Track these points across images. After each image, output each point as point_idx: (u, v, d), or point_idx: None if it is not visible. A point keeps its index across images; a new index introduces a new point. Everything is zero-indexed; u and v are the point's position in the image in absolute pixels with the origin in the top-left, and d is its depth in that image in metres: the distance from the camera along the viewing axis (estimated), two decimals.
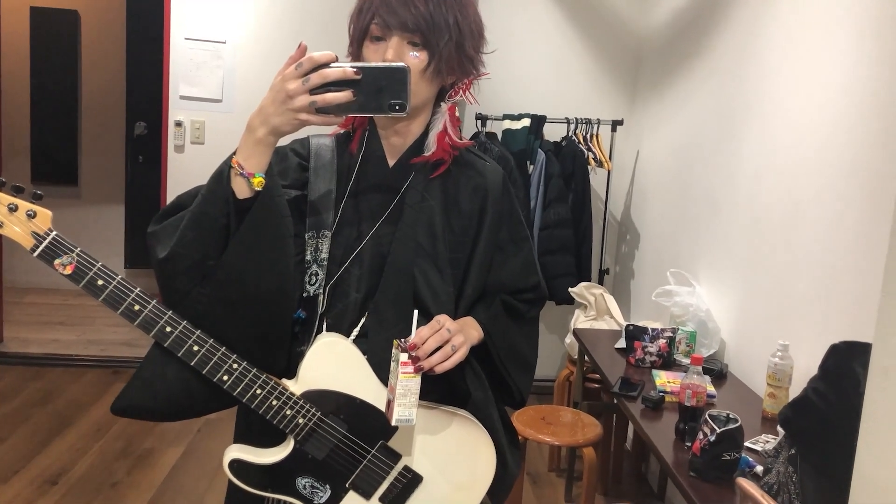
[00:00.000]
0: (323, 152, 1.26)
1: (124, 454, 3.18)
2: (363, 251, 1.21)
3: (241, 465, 1.16)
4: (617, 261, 4.20)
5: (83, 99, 5.54)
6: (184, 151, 4.01)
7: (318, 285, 1.19)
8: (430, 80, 1.18)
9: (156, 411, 1.17)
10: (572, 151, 3.73)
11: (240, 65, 3.95)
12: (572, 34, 4.09)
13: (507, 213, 1.31)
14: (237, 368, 1.10)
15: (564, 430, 2.64)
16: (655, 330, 2.59)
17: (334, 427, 1.15)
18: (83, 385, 3.90)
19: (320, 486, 1.17)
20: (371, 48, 1.17)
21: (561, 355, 4.24)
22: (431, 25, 1.14)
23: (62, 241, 1.04)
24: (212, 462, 3.15)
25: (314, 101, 1.02)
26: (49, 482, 2.90)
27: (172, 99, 3.96)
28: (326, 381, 1.15)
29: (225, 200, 1.07)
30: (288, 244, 1.12)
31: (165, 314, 1.07)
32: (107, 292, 1.05)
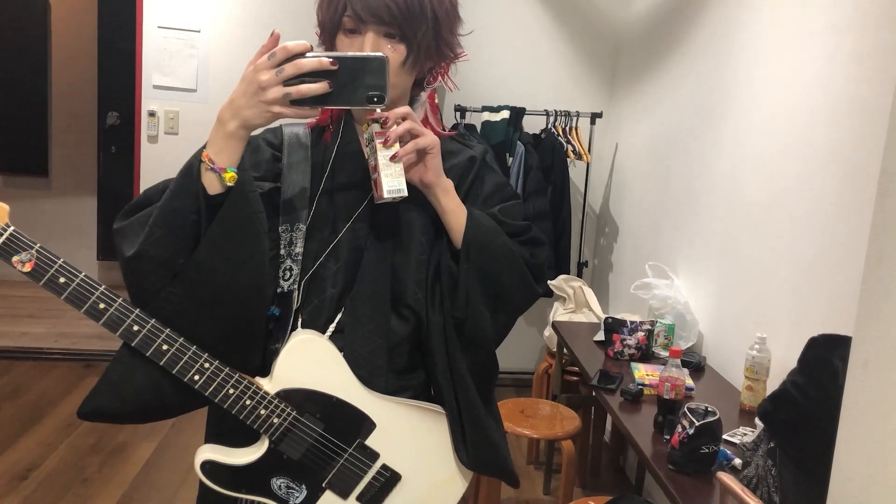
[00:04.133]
0: (297, 142, 1.22)
1: (96, 449, 3.12)
2: (339, 245, 1.17)
3: (213, 466, 1.12)
4: (595, 253, 4.20)
5: (53, 88, 5.42)
6: (157, 142, 3.94)
7: (293, 280, 1.16)
8: (409, 72, 1.15)
9: (125, 414, 1.12)
10: (551, 144, 3.72)
11: (214, 54, 3.88)
12: (551, 26, 4.08)
13: (485, 182, 1.26)
14: (209, 368, 1.07)
15: (543, 423, 2.63)
16: (634, 323, 2.59)
17: (310, 426, 1.12)
18: (54, 379, 3.83)
19: (296, 487, 1.14)
20: (345, 41, 1.12)
21: (540, 348, 4.24)
22: (407, 16, 1.09)
23: (20, 237, 1.00)
24: (186, 457, 3.10)
25: (288, 93, 0.98)
26: (18, 478, 2.84)
27: (146, 88, 3.89)
28: (302, 379, 1.12)
29: (195, 196, 1.03)
30: (262, 241, 1.08)
31: (132, 312, 1.04)
32: (69, 290, 1.01)
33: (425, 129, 1.12)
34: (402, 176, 1.09)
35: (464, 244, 1.15)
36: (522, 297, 1.21)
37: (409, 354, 1.20)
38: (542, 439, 2.80)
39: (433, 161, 1.13)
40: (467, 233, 1.15)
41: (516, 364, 4.17)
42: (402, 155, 1.09)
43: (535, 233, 1.26)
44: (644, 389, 2.23)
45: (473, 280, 1.15)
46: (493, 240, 1.17)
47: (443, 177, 1.15)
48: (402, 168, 1.09)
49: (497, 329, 1.20)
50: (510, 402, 2.76)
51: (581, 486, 3.08)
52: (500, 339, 1.22)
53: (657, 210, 3.27)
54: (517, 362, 4.18)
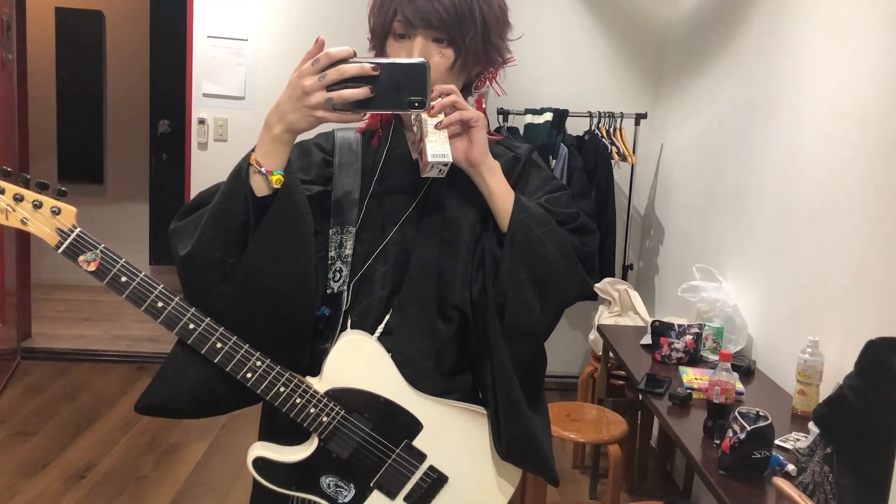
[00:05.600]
0: (348, 147, 1.24)
1: (150, 449, 3.21)
2: (388, 247, 1.19)
3: (264, 462, 1.15)
4: (641, 256, 4.15)
5: (108, 98, 5.60)
6: (207, 149, 4.03)
7: (343, 282, 1.18)
8: (456, 76, 1.16)
9: (179, 410, 1.16)
10: (595, 145, 3.70)
11: (262, 62, 3.96)
12: (594, 27, 4.05)
13: (531, 178, 1.25)
14: (260, 366, 1.09)
15: (589, 427, 2.61)
16: (682, 326, 2.56)
17: (358, 426, 1.14)
18: (109, 380, 3.95)
19: (344, 485, 1.16)
20: (395, 46, 1.14)
21: (584, 352, 4.21)
22: (456, 21, 1.10)
23: (86, 238, 1.04)
24: (237, 457, 3.16)
25: (331, 98, 1.00)
26: (77, 476, 2.93)
27: (195, 97, 3.99)
28: (350, 379, 1.14)
29: (243, 198, 1.06)
30: (308, 242, 1.10)
31: (188, 311, 1.07)
32: (130, 289, 1.05)
33: (469, 105, 1.12)
34: (447, 144, 1.09)
35: (509, 227, 1.13)
36: (571, 285, 1.17)
37: (457, 356, 1.21)
38: (589, 443, 2.78)
39: (478, 135, 1.11)
40: (514, 216, 1.13)
41: (560, 368, 4.15)
42: (447, 123, 1.09)
43: (584, 221, 1.22)
44: (693, 393, 2.20)
45: (518, 265, 1.12)
46: (541, 225, 1.14)
47: (489, 156, 1.14)
48: (446, 137, 1.09)
49: (544, 319, 1.16)
50: (555, 406, 2.75)
51: (628, 490, 3.05)
52: (547, 329, 1.19)
53: (704, 211, 3.22)
54: (561, 366, 4.16)
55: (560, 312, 1.20)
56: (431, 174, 1.10)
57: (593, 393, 3.41)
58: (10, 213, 1.01)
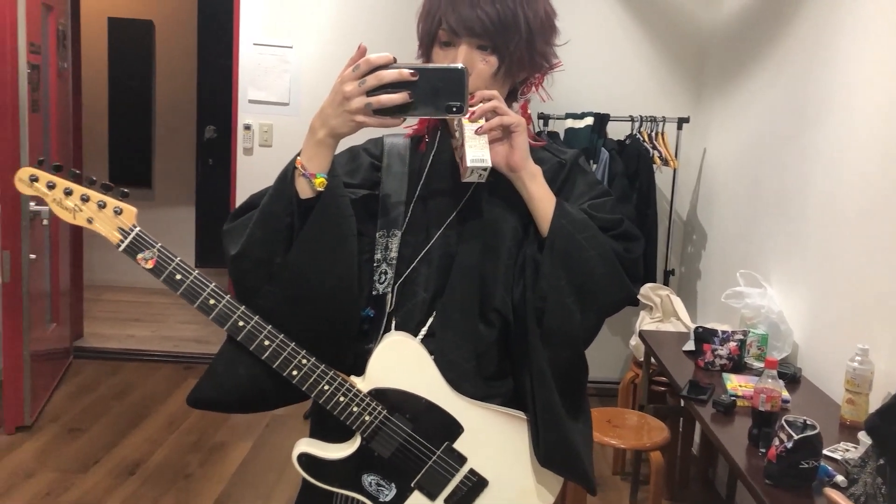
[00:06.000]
0: (396, 152, 1.26)
1: (196, 447, 3.28)
2: (432, 251, 1.21)
3: (309, 458, 1.17)
4: (683, 261, 4.11)
5: (157, 104, 5.74)
6: (252, 154, 4.11)
7: (387, 284, 1.20)
8: (501, 84, 1.17)
9: (228, 404, 1.20)
10: (636, 150, 3.67)
11: (306, 68, 4.03)
12: (635, 30, 4.03)
13: (576, 183, 1.24)
14: (306, 364, 1.12)
15: (630, 434, 2.60)
16: (725, 332, 2.53)
17: (399, 426, 1.16)
18: (157, 379, 4.05)
19: (386, 485, 1.18)
20: (440, 54, 1.16)
21: (625, 358, 4.19)
22: (500, 28, 1.12)
23: (145, 237, 1.09)
24: (280, 456, 3.22)
25: (370, 103, 1.03)
26: (126, 472, 3.02)
27: (241, 103, 4.07)
28: (393, 380, 1.16)
29: (289, 200, 1.10)
30: (350, 243, 1.13)
31: (238, 309, 1.10)
32: (184, 286, 1.09)
33: (510, 110, 1.12)
34: (487, 149, 1.09)
35: (549, 232, 1.13)
36: (613, 292, 1.16)
37: (499, 361, 1.21)
38: (630, 450, 2.77)
39: (519, 140, 1.12)
40: (554, 221, 1.13)
41: (600, 373, 4.12)
42: (487, 128, 1.10)
43: (627, 227, 1.21)
44: (737, 401, 2.17)
45: (558, 270, 1.12)
46: (582, 230, 1.14)
47: (530, 161, 1.14)
48: (486, 142, 1.10)
49: (585, 326, 1.15)
50: (596, 412, 2.74)
51: (669, 498, 3.02)
52: (588, 337, 1.18)
53: (748, 216, 3.18)
54: (601, 372, 4.13)
55: (601, 319, 1.19)
56: (471, 179, 1.11)
57: (634, 399, 3.38)
58: (77, 213, 1.07)
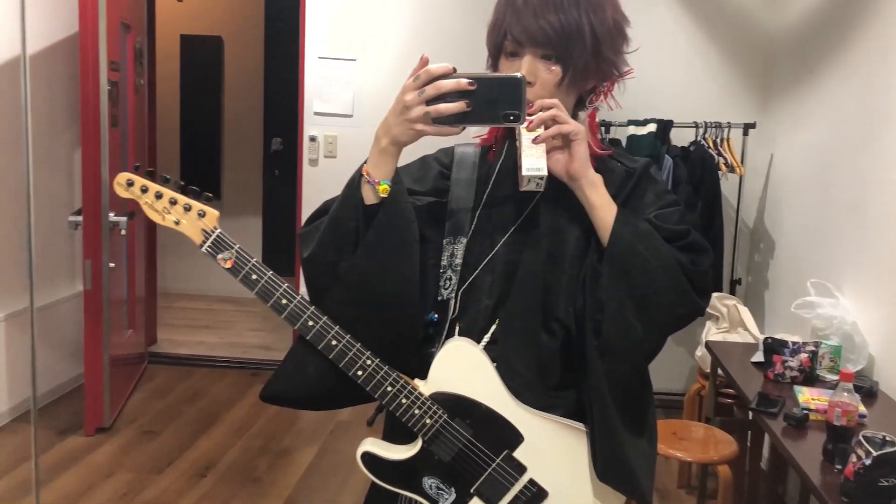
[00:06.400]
0: (466, 160, 1.28)
1: (264, 451, 3.37)
2: (495, 258, 1.22)
3: (372, 458, 1.20)
4: (749, 270, 4.01)
5: (225, 118, 5.94)
6: (317, 165, 4.21)
7: (451, 290, 1.22)
8: (565, 93, 1.17)
9: (297, 400, 1.26)
10: (701, 156, 3.61)
11: (369, 81, 4.11)
12: (699, 34, 3.97)
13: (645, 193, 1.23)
14: (370, 365, 1.15)
15: (696, 446, 2.56)
16: (796, 343, 2.47)
17: (460, 431, 1.17)
18: (225, 385, 4.17)
19: (446, 489, 1.19)
20: (506, 64, 1.17)
21: (689, 368, 4.10)
22: (563, 37, 1.12)
23: (224, 239, 1.16)
24: (344, 462, 3.28)
25: (428, 112, 1.06)
26: (198, 475, 3.12)
27: (307, 115, 4.17)
28: (454, 385, 1.17)
29: (355, 206, 1.14)
30: (412, 248, 1.15)
31: (308, 309, 1.14)
32: (259, 286, 1.14)
33: (571, 119, 1.12)
34: (544, 158, 1.09)
35: (609, 242, 1.12)
36: (678, 306, 1.14)
37: (562, 371, 1.21)
38: (696, 463, 2.72)
39: (578, 149, 1.12)
40: (614, 230, 1.12)
41: (665, 385, 4.06)
42: (544, 137, 1.10)
43: (695, 238, 1.18)
44: (809, 414, 2.11)
45: (617, 281, 1.11)
46: (644, 241, 1.12)
47: (590, 169, 1.14)
48: (543, 151, 1.10)
49: (646, 340, 1.14)
50: (661, 424, 2.70)
51: None
52: (649, 352, 1.17)
53: (818, 224, 3.09)
54: (666, 383, 4.06)
55: (666, 334, 1.17)
56: (529, 188, 1.11)
57: (700, 411, 3.32)
58: (166, 215, 1.16)
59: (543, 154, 1.10)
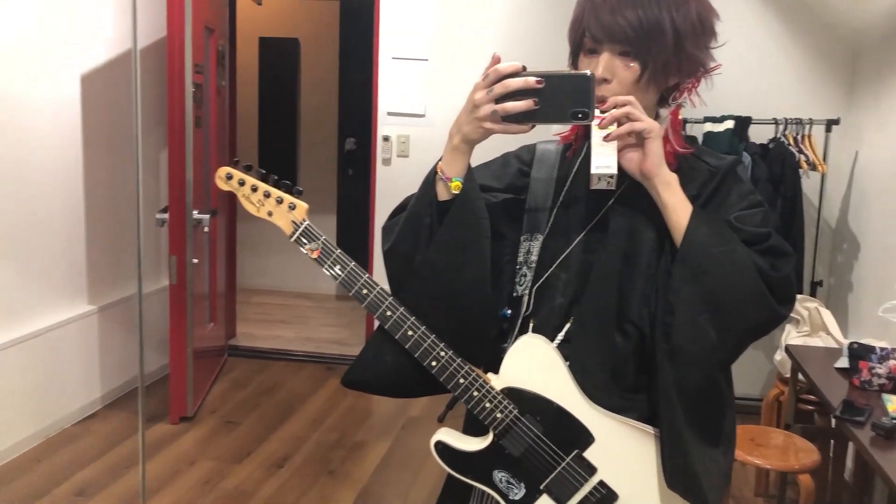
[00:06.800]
0: (546, 158, 1.29)
1: (338, 444, 3.46)
2: (571, 256, 1.22)
3: (444, 447, 1.22)
4: (832, 272, 3.87)
5: (301, 118, 6.09)
6: (390, 164, 4.28)
7: (526, 286, 1.23)
8: (644, 90, 1.15)
9: (376, 387, 1.30)
10: (781, 154, 3.51)
11: (441, 80, 4.15)
12: (779, 27, 3.85)
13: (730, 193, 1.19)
14: (444, 356, 1.18)
15: (775, 454, 2.49)
16: (884, 349, 2.38)
17: (530, 427, 1.18)
18: (301, 378, 4.29)
19: (515, 483, 1.20)
20: (584, 61, 1.17)
21: (767, 373, 3.99)
22: (641, 34, 1.11)
23: (312, 231, 1.22)
24: (416, 458, 3.33)
25: (496, 111, 1.07)
26: (276, 465, 3.23)
27: (380, 115, 4.24)
28: (525, 381, 1.18)
29: (429, 202, 1.18)
30: (482, 244, 1.17)
31: (387, 299, 1.19)
32: (343, 276, 1.20)
33: (645, 116, 1.10)
34: (614, 156, 1.09)
35: (682, 243, 1.10)
36: (755, 313, 1.10)
37: (636, 374, 1.19)
38: (775, 470, 2.65)
39: (652, 147, 1.10)
40: (688, 232, 1.10)
41: (741, 389, 3.93)
42: (616, 135, 1.09)
43: (775, 241, 1.14)
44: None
45: (689, 284, 1.09)
46: (720, 243, 1.09)
47: (664, 168, 1.12)
48: (614, 149, 1.09)
49: (722, 348, 1.10)
50: (739, 429, 2.64)
51: None
52: (724, 359, 1.13)
53: None
54: (742, 387, 3.96)
55: (743, 342, 1.13)
56: (600, 186, 1.11)
57: (779, 417, 3.23)
58: (260, 207, 1.23)
59: (614, 152, 1.10)
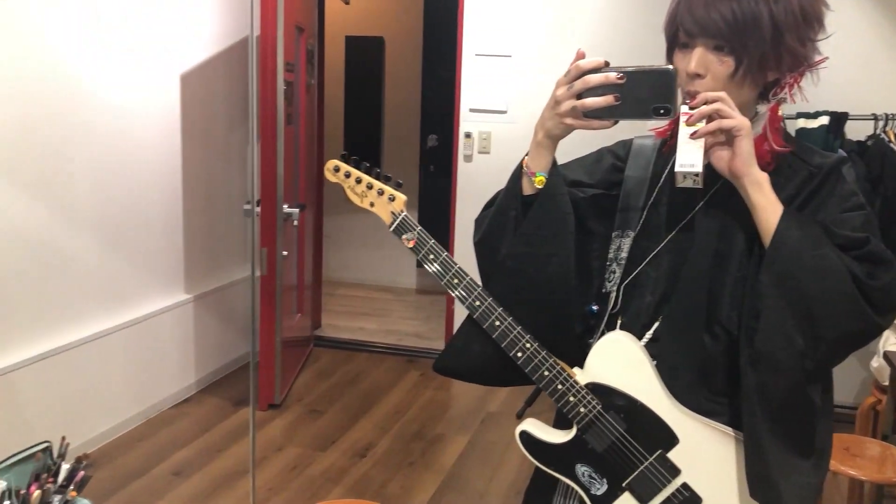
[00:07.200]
0: (642, 154, 1.28)
1: (418, 437, 3.52)
2: (661, 254, 1.21)
3: (528, 437, 1.24)
4: None
5: (385, 115, 6.20)
6: (472, 161, 4.31)
7: (614, 283, 1.24)
8: (739, 85, 1.12)
9: (465, 374, 1.34)
10: (880, 151, 3.34)
11: (523, 77, 4.14)
12: (877, 16, 3.65)
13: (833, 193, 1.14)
14: (529, 348, 1.20)
15: (871, 465, 2.39)
16: None
17: (613, 424, 1.18)
18: (383, 370, 4.38)
19: (598, 479, 1.20)
20: (679, 56, 1.15)
21: (862, 380, 3.81)
22: (735, 28, 1.08)
23: (408, 222, 1.27)
24: (494, 454, 3.35)
25: (576, 107, 1.08)
26: (359, 455, 3.31)
27: (463, 112, 4.28)
28: (610, 377, 1.18)
29: (515, 196, 1.21)
30: (565, 239, 1.18)
31: (476, 289, 1.22)
32: (436, 264, 1.25)
33: (736, 113, 1.07)
34: (699, 154, 1.06)
35: (770, 246, 1.06)
36: (847, 323, 1.05)
37: (726, 377, 1.16)
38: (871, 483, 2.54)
39: (741, 145, 1.07)
40: (777, 234, 1.06)
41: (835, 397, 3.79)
42: (703, 133, 1.06)
43: (874, 247, 1.08)
44: None
45: (775, 288, 1.05)
46: (812, 247, 1.05)
47: (754, 167, 1.08)
48: (700, 146, 1.06)
49: (807, 357, 1.05)
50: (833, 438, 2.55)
51: None
52: (811, 369, 1.07)
53: None
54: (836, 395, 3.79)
55: (834, 352, 1.08)
56: (686, 184, 1.09)
57: (875, 427, 3.09)
58: (363, 198, 1.31)
59: (700, 150, 1.07)
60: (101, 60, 3.15)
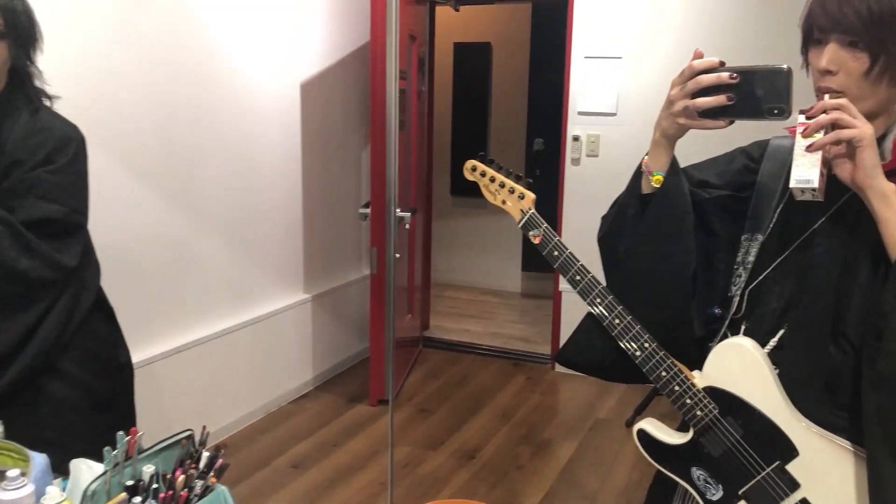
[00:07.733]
0: (777, 155, 1.25)
1: (526, 440, 3.53)
2: (788, 260, 1.18)
3: (646, 435, 1.25)
4: None
5: (492, 120, 6.24)
6: (579, 164, 4.28)
7: (739, 287, 1.22)
8: (876, 83, 1.07)
9: (585, 368, 1.37)
10: None
11: (634, 79, 4.08)
12: None
13: None
14: (648, 347, 1.20)
15: None
16: None
17: (730, 430, 1.16)
18: (490, 372, 4.42)
19: (713, 484, 1.19)
20: (813, 53, 1.13)
21: None
22: (870, 23, 1.04)
23: (536, 219, 1.33)
24: (603, 461, 3.31)
25: (688, 106, 1.08)
26: (467, 456, 3.36)
27: (571, 115, 4.25)
28: (729, 383, 1.17)
29: (634, 195, 1.23)
30: (683, 238, 1.18)
31: (597, 287, 1.25)
32: (559, 261, 1.28)
33: (858, 122, 1.03)
34: (816, 168, 1.03)
35: (895, 262, 1.03)
36: None
37: (852, 392, 1.11)
38: None
39: (863, 156, 1.03)
40: None
41: None
42: (819, 146, 1.04)
43: None
44: None
45: None
46: None
47: (878, 179, 1.04)
48: (817, 159, 1.03)
49: None
50: None
51: None
52: None
53: None
54: None
55: None
56: (805, 198, 1.06)
57: None
58: (496, 196, 1.40)
59: (817, 163, 1.03)
60: (229, 71, 3.36)
